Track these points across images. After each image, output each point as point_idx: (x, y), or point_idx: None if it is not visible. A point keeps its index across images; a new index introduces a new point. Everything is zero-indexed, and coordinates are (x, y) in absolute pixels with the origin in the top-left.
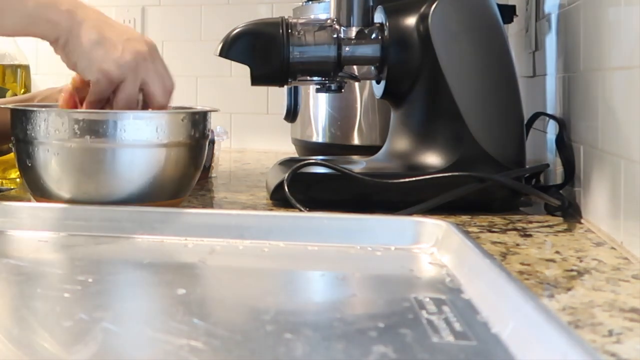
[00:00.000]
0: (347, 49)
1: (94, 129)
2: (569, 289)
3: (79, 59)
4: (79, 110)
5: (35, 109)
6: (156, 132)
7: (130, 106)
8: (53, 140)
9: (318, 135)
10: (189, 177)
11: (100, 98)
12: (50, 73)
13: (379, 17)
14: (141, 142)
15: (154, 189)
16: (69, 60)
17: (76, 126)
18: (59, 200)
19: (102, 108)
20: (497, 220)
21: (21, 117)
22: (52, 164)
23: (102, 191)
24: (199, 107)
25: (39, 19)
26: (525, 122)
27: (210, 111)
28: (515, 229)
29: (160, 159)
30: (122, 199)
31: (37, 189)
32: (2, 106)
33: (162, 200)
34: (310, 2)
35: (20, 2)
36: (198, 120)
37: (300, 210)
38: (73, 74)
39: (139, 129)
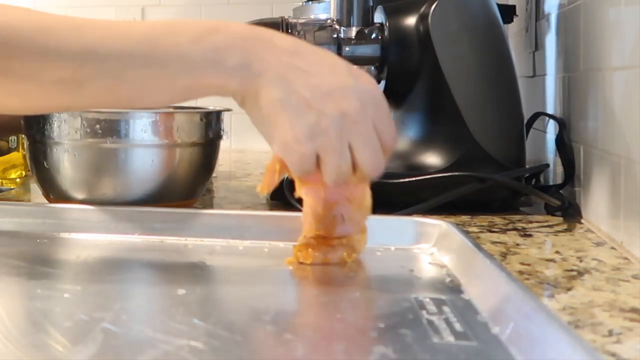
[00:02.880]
0: (347, 49)
1: (112, 129)
2: (569, 289)
3: (259, 126)
4: (94, 110)
5: None
6: (171, 133)
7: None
8: (70, 141)
9: None
10: (202, 178)
11: (305, 173)
12: None
13: (379, 17)
14: (156, 142)
15: (169, 190)
16: (254, 123)
17: (89, 127)
18: (74, 201)
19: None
20: (497, 220)
21: (38, 118)
22: (69, 165)
23: (117, 192)
24: (210, 107)
25: (198, 87)
26: (525, 122)
27: (224, 111)
28: (515, 229)
29: (175, 159)
30: (138, 199)
31: (53, 190)
32: None
33: (176, 200)
34: (310, 2)
35: (168, 72)
36: (212, 120)
37: (300, 210)
38: None
39: (155, 129)
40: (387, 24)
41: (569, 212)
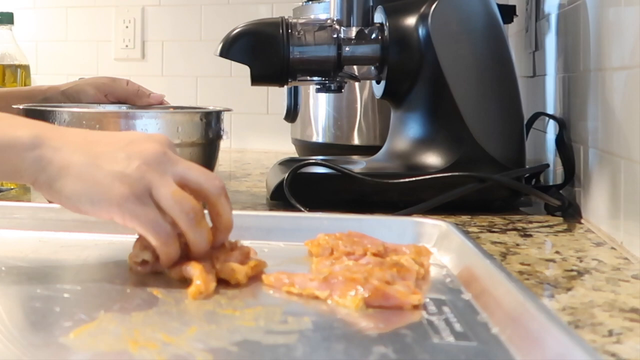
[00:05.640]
0: (347, 49)
1: (112, 130)
2: (569, 289)
3: (76, 198)
4: (94, 110)
5: (53, 109)
6: (171, 132)
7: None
8: None
9: (318, 135)
10: None
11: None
12: (50, 73)
13: (379, 17)
14: None
15: None
16: (66, 203)
17: (89, 127)
18: None
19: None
20: (497, 220)
21: (38, 118)
22: None
23: None
24: (210, 107)
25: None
26: (525, 122)
27: (224, 111)
28: (515, 229)
29: None
30: None
31: None
32: (14, 106)
33: None
34: (310, 2)
35: None
36: (212, 120)
37: (300, 210)
38: (73, 73)
39: (155, 129)
40: (387, 24)
41: (569, 212)
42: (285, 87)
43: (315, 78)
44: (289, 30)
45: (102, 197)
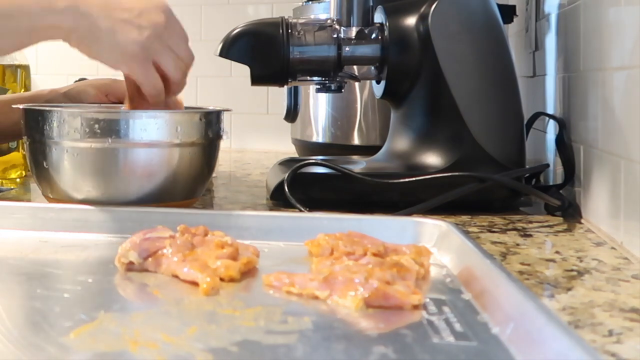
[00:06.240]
0: (347, 49)
1: (111, 129)
2: (569, 289)
3: (100, 53)
4: (95, 109)
5: (53, 109)
6: (171, 132)
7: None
8: (70, 141)
9: (318, 135)
10: (202, 178)
11: (152, 84)
12: (50, 73)
13: (379, 17)
14: (156, 142)
15: (169, 190)
16: (92, 56)
17: (88, 127)
18: (74, 201)
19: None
20: (497, 220)
21: (38, 119)
22: (69, 165)
23: (118, 192)
24: (210, 107)
25: (39, 29)
26: (525, 122)
27: (224, 111)
28: (515, 229)
29: (175, 159)
30: (138, 199)
31: (52, 190)
32: (14, 106)
33: (176, 200)
34: (310, 2)
35: (13, 20)
36: (212, 120)
37: (300, 210)
38: (73, 73)
39: (154, 129)
40: (387, 24)
41: (569, 212)
42: (285, 87)
43: (315, 78)
44: (289, 30)
45: (122, 58)
